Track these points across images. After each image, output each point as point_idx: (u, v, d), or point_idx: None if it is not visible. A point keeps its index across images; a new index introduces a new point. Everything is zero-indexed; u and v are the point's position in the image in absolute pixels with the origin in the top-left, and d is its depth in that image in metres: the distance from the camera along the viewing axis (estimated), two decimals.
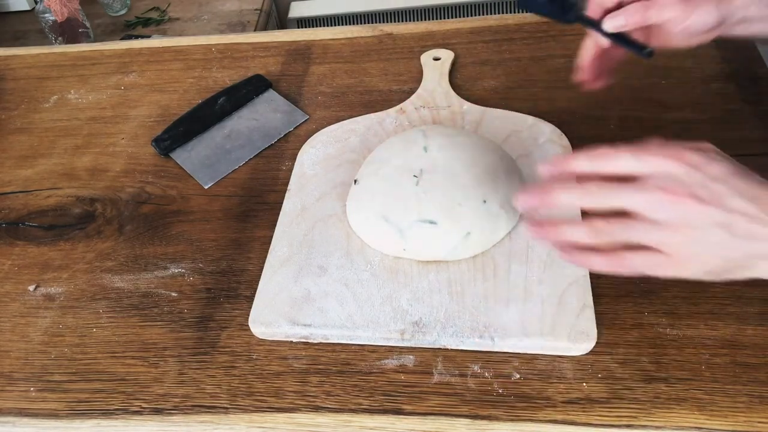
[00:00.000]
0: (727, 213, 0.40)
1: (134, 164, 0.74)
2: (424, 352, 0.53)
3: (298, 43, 0.86)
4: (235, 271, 0.61)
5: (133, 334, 0.57)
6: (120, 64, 0.88)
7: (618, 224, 0.42)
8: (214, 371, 0.54)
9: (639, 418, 0.48)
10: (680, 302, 0.53)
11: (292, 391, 0.52)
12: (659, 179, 0.41)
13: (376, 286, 0.56)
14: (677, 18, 0.51)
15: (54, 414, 0.53)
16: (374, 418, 0.50)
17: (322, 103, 0.77)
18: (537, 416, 0.48)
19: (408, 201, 0.57)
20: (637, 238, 0.42)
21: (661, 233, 0.41)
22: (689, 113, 0.68)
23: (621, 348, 0.51)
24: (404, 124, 0.70)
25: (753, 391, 0.48)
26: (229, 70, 0.84)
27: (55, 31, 1.53)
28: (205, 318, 0.58)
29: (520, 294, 0.54)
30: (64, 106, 0.83)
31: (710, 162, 0.42)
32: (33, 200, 0.71)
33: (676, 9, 0.51)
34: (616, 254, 0.43)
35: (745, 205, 0.40)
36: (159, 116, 0.79)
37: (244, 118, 0.77)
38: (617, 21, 0.52)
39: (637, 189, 0.42)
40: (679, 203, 0.40)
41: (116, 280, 0.62)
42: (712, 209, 0.40)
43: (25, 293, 0.62)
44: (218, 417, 0.51)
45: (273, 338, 0.55)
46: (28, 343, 0.58)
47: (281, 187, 0.67)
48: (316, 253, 0.59)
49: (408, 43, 0.83)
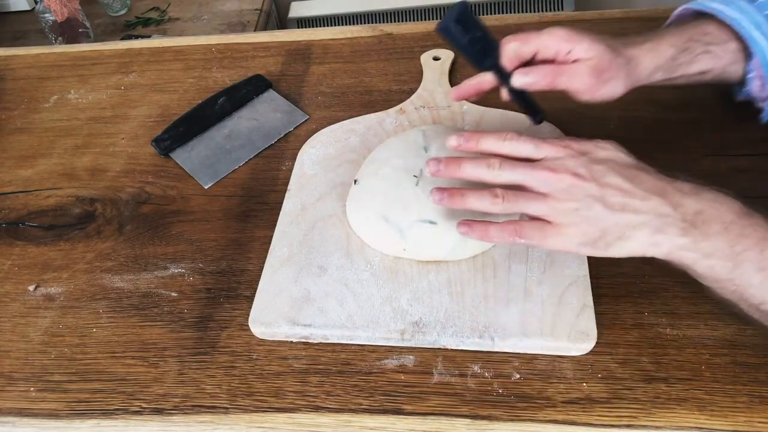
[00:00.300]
0: (601, 187, 0.46)
1: (134, 164, 0.74)
2: (424, 352, 0.53)
3: (298, 43, 0.86)
4: (235, 271, 0.61)
5: (133, 334, 0.57)
6: (120, 64, 0.88)
7: (513, 193, 0.49)
8: (214, 371, 0.54)
9: (639, 418, 0.48)
10: (680, 302, 0.53)
11: (292, 391, 0.52)
12: (549, 161, 0.48)
13: (376, 286, 0.56)
14: (586, 90, 0.54)
15: (54, 414, 0.53)
16: (374, 418, 0.50)
17: (322, 103, 0.77)
18: (537, 416, 0.48)
19: (408, 201, 0.57)
20: (527, 206, 0.48)
21: (545, 203, 0.47)
22: (689, 113, 0.68)
23: (621, 348, 0.51)
24: (404, 124, 0.70)
25: (753, 391, 0.48)
26: (229, 70, 0.84)
27: (55, 31, 1.53)
28: (205, 318, 0.58)
29: (520, 294, 0.54)
30: (64, 106, 0.83)
31: (597, 150, 0.49)
32: (33, 200, 0.71)
33: (585, 81, 0.53)
34: (511, 224, 0.49)
35: (620, 182, 0.47)
36: (159, 116, 0.79)
37: (244, 118, 0.77)
38: (526, 79, 0.54)
39: (530, 167, 0.48)
40: (560, 179, 0.47)
41: (116, 280, 0.62)
42: (589, 184, 0.47)
43: (25, 293, 0.62)
44: (218, 417, 0.51)
45: (273, 338, 0.55)
46: (28, 343, 0.58)
47: (281, 187, 0.67)
48: (316, 253, 0.59)
49: (408, 43, 0.83)
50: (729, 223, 0.45)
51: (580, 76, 0.53)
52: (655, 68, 0.57)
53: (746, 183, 0.61)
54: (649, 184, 0.47)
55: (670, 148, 0.65)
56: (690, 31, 0.58)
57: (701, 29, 0.58)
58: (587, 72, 0.53)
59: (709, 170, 0.63)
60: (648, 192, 0.46)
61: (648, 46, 0.56)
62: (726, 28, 0.58)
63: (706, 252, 0.45)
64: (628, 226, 0.46)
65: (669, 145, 0.66)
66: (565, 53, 0.53)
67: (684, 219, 0.45)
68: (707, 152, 0.65)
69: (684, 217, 0.46)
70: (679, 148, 0.65)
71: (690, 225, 0.45)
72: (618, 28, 0.80)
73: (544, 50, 0.54)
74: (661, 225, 0.46)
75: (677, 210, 0.46)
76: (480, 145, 0.51)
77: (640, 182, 0.47)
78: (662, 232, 0.45)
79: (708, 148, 0.65)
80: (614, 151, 0.49)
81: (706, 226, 0.45)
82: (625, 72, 0.55)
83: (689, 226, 0.45)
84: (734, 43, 0.58)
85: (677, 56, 0.57)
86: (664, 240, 0.46)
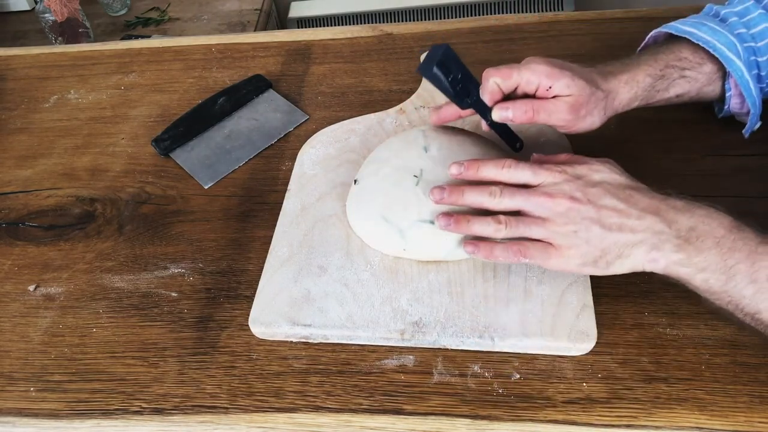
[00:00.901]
0: (597, 209, 0.48)
1: (134, 164, 0.74)
2: (424, 352, 0.53)
3: (298, 43, 0.86)
4: (235, 271, 0.61)
5: (133, 334, 0.57)
6: (120, 64, 0.88)
7: (515, 219, 0.51)
8: (214, 371, 0.54)
9: (639, 418, 0.48)
10: (680, 302, 0.53)
11: (292, 391, 0.52)
12: (546, 186, 0.50)
13: (376, 286, 0.56)
14: (565, 125, 0.56)
15: (54, 414, 0.53)
16: (375, 418, 0.50)
17: (322, 103, 0.77)
18: (537, 416, 0.48)
19: (408, 201, 0.57)
20: (528, 231, 0.50)
21: (545, 227, 0.49)
22: (689, 113, 0.68)
23: (621, 348, 0.51)
24: (404, 124, 0.70)
25: (753, 391, 0.48)
26: (229, 70, 0.84)
27: (55, 31, 1.53)
28: (205, 318, 0.58)
29: (520, 294, 0.54)
30: (64, 106, 0.83)
31: (591, 173, 0.50)
32: (33, 200, 0.71)
33: (564, 118, 0.55)
34: (515, 244, 0.50)
35: (615, 203, 0.49)
36: (159, 116, 0.79)
37: (244, 118, 0.77)
38: (506, 114, 0.55)
39: (529, 193, 0.50)
40: (558, 203, 0.49)
41: (116, 280, 0.62)
42: (586, 207, 0.49)
43: (25, 293, 0.62)
44: (218, 417, 0.51)
45: (273, 338, 0.55)
46: (28, 343, 0.58)
47: (281, 187, 0.67)
48: (316, 253, 0.59)
49: (408, 43, 0.83)
50: (721, 237, 0.46)
51: (558, 112, 0.55)
52: (632, 98, 0.59)
53: (746, 183, 0.61)
54: (643, 204, 0.48)
55: (670, 148, 0.65)
56: (665, 57, 0.60)
57: (676, 54, 0.60)
58: (566, 109, 0.54)
59: (709, 170, 0.63)
60: (643, 211, 0.48)
61: (625, 77, 0.58)
62: (700, 50, 0.60)
63: (700, 266, 0.46)
64: (626, 245, 0.48)
65: (669, 145, 0.66)
66: (546, 89, 0.54)
67: (678, 236, 0.47)
68: (707, 152, 0.65)
69: (678, 233, 0.47)
70: (679, 148, 0.65)
71: (684, 241, 0.47)
72: (618, 28, 0.80)
73: (525, 85, 0.55)
74: (657, 242, 0.47)
75: (671, 227, 0.47)
76: (480, 173, 0.53)
77: (634, 202, 0.49)
78: (658, 249, 0.47)
79: (708, 148, 0.65)
80: (608, 173, 0.51)
81: (699, 241, 0.46)
82: (602, 106, 0.56)
83: (683, 242, 0.47)
84: (709, 65, 0.60)
85: (654, 84, 0.59)
86: (660, 256, 0.47)
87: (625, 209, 0.48)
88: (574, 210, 0.49)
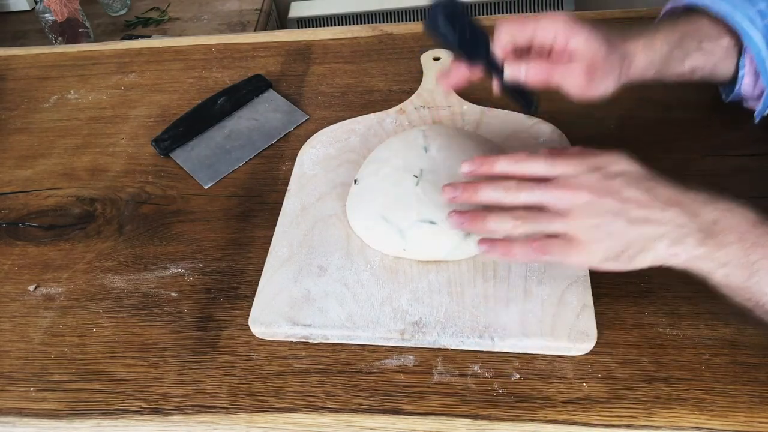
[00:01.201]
0: (620, 202, 0.46)
1: (134, 164, 0.74)
2: (424, 352, 0.53)
3: (298, 43, 0.86)
4: (235, 271, 0.61)
5: (133, 334, 0.57)
6: (120, 64, 0.88)
7: (533, 214, 0.48)
8: (214, 371, 0.54)
9: (639, 418, 0.48)
10: (680, 302, 0.53)
11: (292, 391, 0.52)
12: (564, 179, 0.48)
13: (376, 286, 0.56)
14: (578, 88, 0.54)
15: (54, 414, 0.53)
16: (375, 418, 0.50)
17: (322, 103, 0.77)
18: (537, 416, 0.48)
19: (408, 201, 0.57)
20: (549, 226, 0.48)
21: (566, 222, 0.47)
22: (689, 113, 0.68)
23: (621, 348, 0.51)
24: (404, 124, 0.70)
25: (753, 391, 0.48)
26: (229, 70, 0.84)
27: (55, 31, 1.53)
28: (205, 318, 0.58)
29: (520, 294, 0.54)
30: (64, 106, 0.83)
31: (609, 164, 0.48)
32: (33, 200, 0.71)
33: (578, 80, 0.53)
34: (534, 241, 0.48)
35: (637, 195, 0.46)
36: (159, 116, 0.79)
37: (244, 118, 0.77)
38: (519, 73, 0.53)
39: (547, 186, 0.48)
40: (578, 196, 0.47)
41: (116, 280, 0.62)
42: (607, 200, 0.46)
43: (25, 293, 0.62)
44: (218, 417, 0.51)
45: (273, 338, 0.55)
46: (28, 343, 0.58)
47: (281, 187, 0.67)
48: (316, 254, 0.59)
49: (408, 43, 0.83)
50: (743, 232, 0.45)
51: (572, 76, 0.53)
52: (649, 65, 0.56)
53: (746, 183, 0.61)
54: (665, 195, 0.47)
55: (670, 148, 0.65)
56: (683, 27, 0.58)
57: (694, 25, 0.58)
58: (581, 72, 0.52)
59: (709, 170, 0.63)
60: (666, 203, 0.46)
61: (642, 42, 0.56)
62: (718, 23, 0.58)
63: (722, 261, 0.45)
64: (650, 238, 0.46)
65: (669, 145, 0.66)
66: (563, 42, 0.52)
67: (700, 229, 0.45)
68: (707, 152, 0.65)
69: (700, 226, 0.46)
70: (679, 148, 0.65)
71: (706, 235, 0.45)
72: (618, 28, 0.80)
73: (541, 37, 0.52)
74: (679, 235, 0.46)
75: (694, 220, 0.46)
76: (493, 169, 0.51)
77: (657, 194, 0.47)
78: (680, 243, 0.46)
79: (708, 148, 0.65)
80: (626, 165, 0.48)
81: (721, 235, 0.45)
82: (618, 69, 0.54)
83: (705, 236, 0.45)
84: (726, 39, 0.58)
85: (671, 53, 0.57)
86: (681, 251, 0.46)
87: (649, 201, 0.46)
88: (596, 203, 0.46)
